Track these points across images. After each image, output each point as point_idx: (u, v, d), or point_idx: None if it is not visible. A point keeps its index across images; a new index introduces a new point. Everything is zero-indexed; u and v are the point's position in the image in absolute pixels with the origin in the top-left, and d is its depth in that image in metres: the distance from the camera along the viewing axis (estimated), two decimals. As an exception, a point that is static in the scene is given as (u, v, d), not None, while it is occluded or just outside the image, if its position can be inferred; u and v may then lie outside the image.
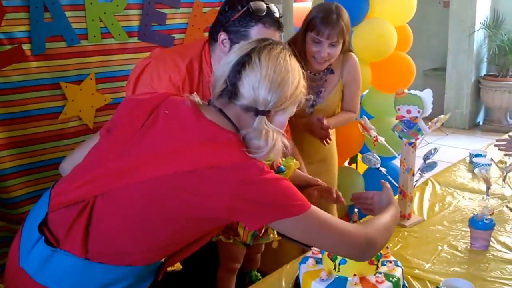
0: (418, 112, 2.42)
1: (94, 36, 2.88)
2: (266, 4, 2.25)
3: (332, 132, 3.19)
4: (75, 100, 2.86)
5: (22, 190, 2.76)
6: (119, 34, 2.98)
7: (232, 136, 1.64)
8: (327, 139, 3.06)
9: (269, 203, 1.58)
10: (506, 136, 3.43)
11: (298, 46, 2.94)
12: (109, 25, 2.92)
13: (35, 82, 2.72)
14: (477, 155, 3.36)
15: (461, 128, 8.24)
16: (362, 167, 4.32)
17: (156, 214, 1.62)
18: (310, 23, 2.93)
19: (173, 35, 3.23)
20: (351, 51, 3.26)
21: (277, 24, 2.26)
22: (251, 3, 2.22)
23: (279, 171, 2.22)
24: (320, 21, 2.89)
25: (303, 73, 1.75)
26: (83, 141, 2.83)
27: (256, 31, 2.21)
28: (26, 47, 2.66)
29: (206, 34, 3.34)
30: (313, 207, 1.64)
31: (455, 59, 8.21)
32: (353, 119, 3.32)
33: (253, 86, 1.63)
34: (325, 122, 3.01)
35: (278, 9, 2.31)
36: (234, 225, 2.42)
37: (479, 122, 8.55)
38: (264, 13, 2.22)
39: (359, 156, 4.09)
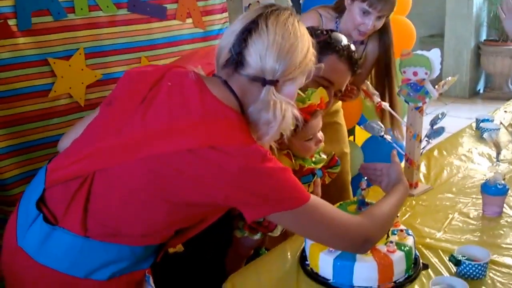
0: (426, 74, 2.32)
1: (81, 8, 2.77)
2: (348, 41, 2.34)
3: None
4: (64, 77, 2.77)
5: (13, 172, 2.67)
6: (107, 6, 2.86)
7: (235, 115, 1.56)
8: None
9: (268, 195, 1.52)
10: None
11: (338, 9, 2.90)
12: (96, -3, 2.81)
13: (22, 59, 2.62)
14: (484, 120, 3.29)
15: (461, 97, 8.07)
16: (360, 140, 4.22)
17: (153, 195, 1.56)
18: None
19: (165, 5, 3.11)
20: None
21: (352, 62, 2.31)
22: (333, 33, 2.33)
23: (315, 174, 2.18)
24: None
25: (312, 41, 1.65)
26: (79, 118, 2.79)
27: (328, 61, 2.20)
28: (11, 22, 2.55)
29: (199, 3, 3.26)
30: (313, 198, 1.58)
31: (453, 24, 8.03)
32: None
33: (260, 54, 1.55)
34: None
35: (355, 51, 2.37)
36: (265, 222, 2.21)
37: (479, 90, 8.42)
38: (341, 45, 2.29)
39: (357, 129, 4.00)
